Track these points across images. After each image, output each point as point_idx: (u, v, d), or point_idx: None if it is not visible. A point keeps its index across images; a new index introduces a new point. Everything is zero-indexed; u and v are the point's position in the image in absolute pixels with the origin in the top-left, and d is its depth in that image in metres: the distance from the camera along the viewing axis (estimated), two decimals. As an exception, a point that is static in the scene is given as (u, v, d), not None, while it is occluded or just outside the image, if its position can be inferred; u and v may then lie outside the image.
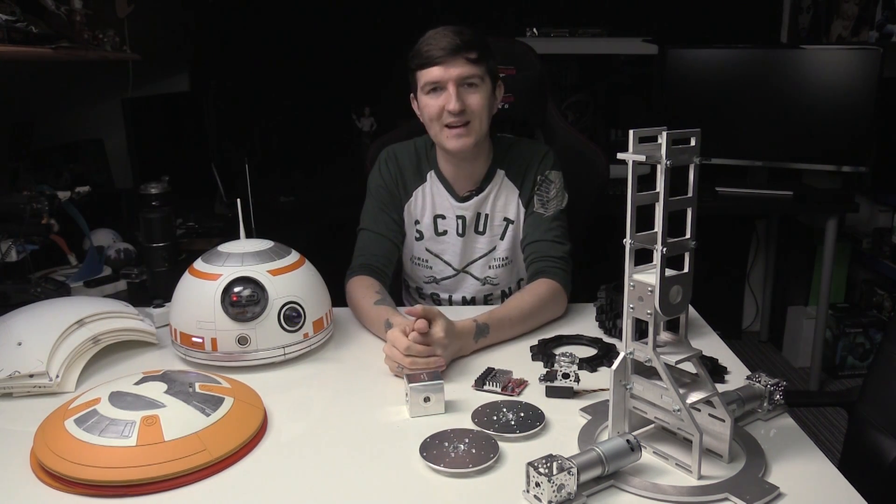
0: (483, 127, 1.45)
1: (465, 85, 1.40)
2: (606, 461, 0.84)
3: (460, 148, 1.43)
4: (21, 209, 1.52)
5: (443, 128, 1.43)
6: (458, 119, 1.40)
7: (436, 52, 1.38)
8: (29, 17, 1.67)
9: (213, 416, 0.95)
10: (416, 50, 1.42)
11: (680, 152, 0.84)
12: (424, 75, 1.41)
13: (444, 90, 1.40)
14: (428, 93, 1.42)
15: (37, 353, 1.14)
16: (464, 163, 1.51)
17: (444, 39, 1.38)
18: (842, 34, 2.79)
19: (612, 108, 3.13)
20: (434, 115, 1.42)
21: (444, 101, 1.40)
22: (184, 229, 2.25)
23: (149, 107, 2.39)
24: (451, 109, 1.39)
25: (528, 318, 1.36)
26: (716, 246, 3.18)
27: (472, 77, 1.40)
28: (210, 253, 1.26)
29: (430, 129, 1.47)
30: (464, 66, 1.39)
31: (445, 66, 1.38)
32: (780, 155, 2.77)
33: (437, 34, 1.40)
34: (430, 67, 1.39)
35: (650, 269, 0.88)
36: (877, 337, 2.84)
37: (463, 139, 1.43)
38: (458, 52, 1.38)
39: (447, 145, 1.44)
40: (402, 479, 0.90)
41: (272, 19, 2.97)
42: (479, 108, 1.42)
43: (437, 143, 1.48)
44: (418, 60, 1.41)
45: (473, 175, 1.54)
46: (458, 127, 1.41)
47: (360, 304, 1.40)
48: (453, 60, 1.38)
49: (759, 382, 1.03)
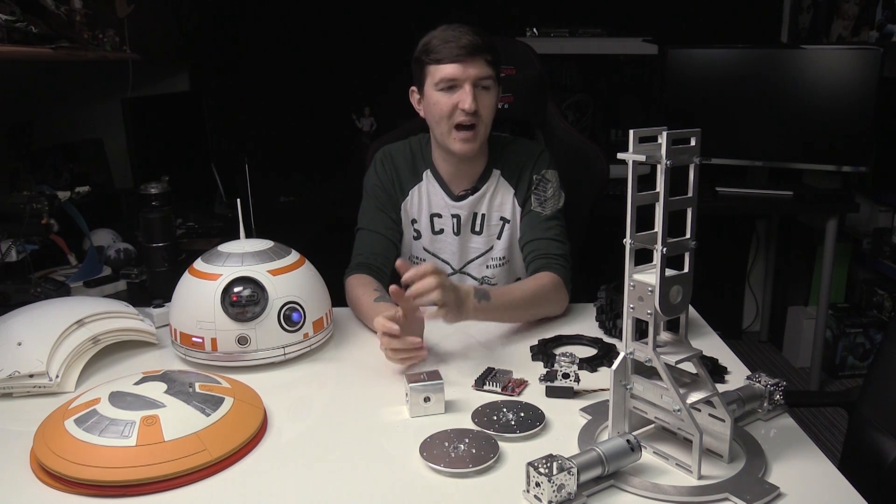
0: (488, 131, 1.46)
1: (479, 86, 1.40)
2: (606, 461, 0.84)
3: (466, 152, 1.44)
4: (21, 209, 1.52)
5: (451, 128, 1.42)
6: (469, 119, 1.40)
7: (456, 49, 1.37)
8: (29, 17, 1.67)
9: (213, 416, 0.95)
10: (431, 44, 1.40)
11: (680, 152, 0.84)
12: (440, 71, 1.39)
13: (458, 88, 1.39)
14: (441, 90, 1.40)
15: (37, 353, 1.14)
16: (462, 163, 1.51)
17: (464, 37, 1.37)
18: (842, 34, 2.79)
19: (612, 108, 3.13)
20: (445, 112, 1.41)
21: (457, 99, 1.39)
22: (184, 229, 2.25)
23: (149, 107, 2.39)
24: (465, 108, 1.38)
25: (531, 302, 1.36)
26: (716, 246, 3.18)
27: (488, 79, 1.40)
28: (210, 253, 1.26)
29: (435, 127, 1.46)
30: (482, 66, 1.39)
31: (465, 64, 1.37)
32: (780, 155, 2.77)
33: (452, 31, 1.39)
34: (449, 64, 1.38)
35: (650, 269, 0.88)
36: (877, 337, 2.84)
37: (470, 144, 1.43)
38: (479, 52, 1.38)
39: (453, 147, 1.44)
40: (402, 478, 0.90)
41: (272, 19, 2.97)
42: (488, 111, 1.42)
43: (441, 142, 1.47)
44: (436, 55, 1.39)
45: (470, 174, 1.54)
46: (467, 131, 1.41)
47: (359, 301, 1.40)
48: (473, 60, 1.38)
49: (759, 382, 1.03)
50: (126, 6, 2.31)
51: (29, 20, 1.66)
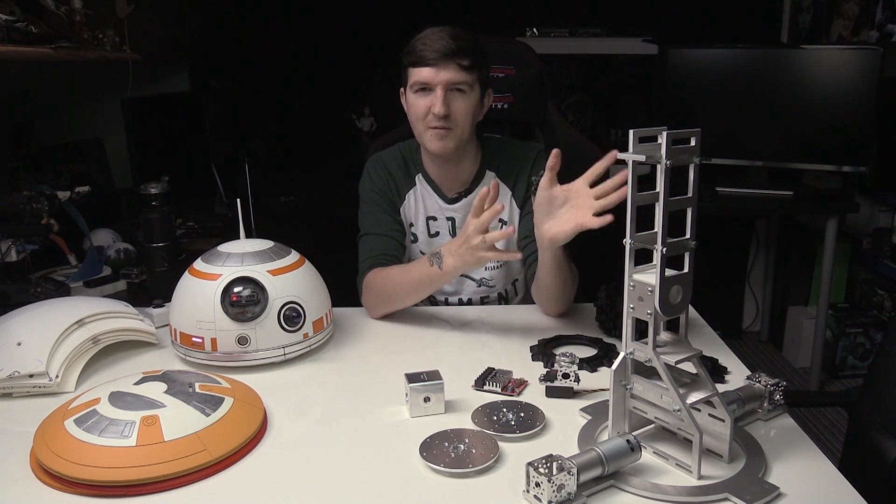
0: (465, 133, 1.45)
1: (453, 90, 1.40)
2: (606, 461, 0.84)
3: (440, 149, 1.44)
4: (21, 209, 1.52)
5: (426, 128, 1.44)
6: (441, 122, 1.41)
7: (429, 53, 1.38)
8: (29, 17, 1.67)
9: (213, 416, 0.95)
10: (412, 46, 1.42)
11: (680, 152, 0.84)
12: (415, 74, 1.41)
13: (431, 92, 1.40)
14: (416, 92, 1.42)
15: (36, 353, 1.14)
16: (448, 164, 1.51)
17: (439, 42, 1.38)
18: (842, 34, 2.79)
19: (612, 108, 3.13)
20: (420, 114, 1.43)
21: (430, 102, 1.40)
22: (184, 229, 2.25)
23: (149, 107, 2.39)
24: (435, 112, 1.39)
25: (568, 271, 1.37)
26: (716, 246, 3.18)
27: (461, 83, 1.40)
28: (210, 253, 1.26)
29: (414, 128, 1.48)
30: (454, 71, 1.39)
31: (436, 68, 1.38)
32: (780, 155, 2.77)
33: (433, 34, 1.40)
34: (422, 67, 1.39)
35: (650, 269, 0.88)
36: (877, 337, 2.84)
37: (443, 141, 1.43)
38: (451, 56, 1.38)
39: (428, 145, 1.45)
40: (401, 478, 0.90)
41: (272, 19, 2.97)
42: (462, 115, 1.42)
43: (420, 142, 1.49)
44: (411, 58, 1.41)
45: (460, 177, 1.54)
46: (440, 129, 1.42)
47: (393, 278, 1.41)
48: (445, 64, 1.38)
49: (759, 382, 1.03)
50: (126, 6, 2.31)
51: (29, 20, 1.66)
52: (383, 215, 1.53)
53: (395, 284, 1.41)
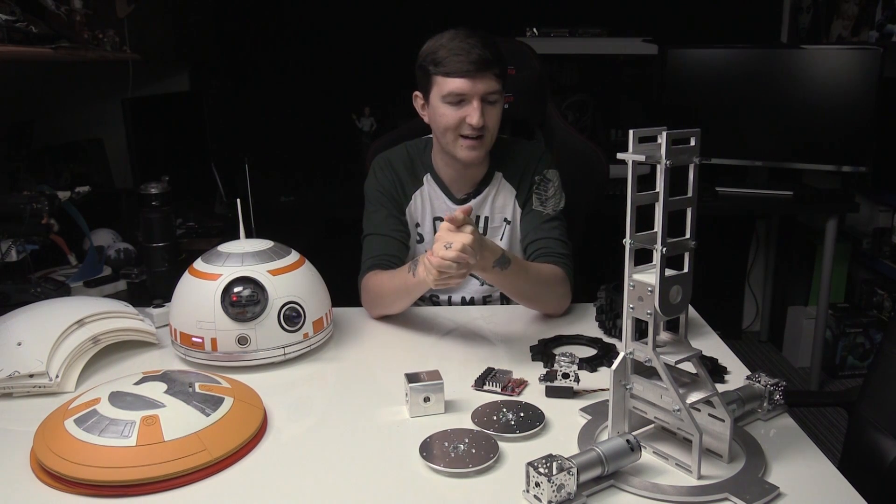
0: (493, 140, 1.46)
1: (487, 101, 1.39)
2: (606, 461, 0.84)
3: (473, 159, 1.44)
4: (21, 209, 1.52)
5: (458, 137, 1.42)
6: (476, 132, 1.39)
7: (465, 64, 1.35)
8: (29, 17, 1.67)
9: (213, 416, 0.95)
10: (439, 55, 1.37)
11: (680, 152, 0.84)
12: (448, 84, 1.37)
13: (466, 103, 1.38)
14: (448, 103, 1.39)
15: (37, 353, 1.14)
16: (465, 168, 1.51)
17: (474, 51, 1.35)
18: (842, 34, 2.79)
19: (612, 108, 3.13)
20: (451, 124, 1.40)
21: (464, 113, 1.38)
22: (184, 229, 2.25)
23: (149, 107, 2.39)
24: (473, 124, 1.37)
25: (541, 282, 1.38)
26: (716, 246, 3.18)
27: (496, 93, 1.39)
28: (210, 253, 1.26)
29: (441, 137, 1.45)
30: (490, 81, 1.37)
31: (473, 80, 1.36)
32: (780, 155, 2.77)
33: (460, 42, 1.36)
34: (457, 78, 1.36)
35: (650, 269, 0.88)
36: (877, 337, 2.84)
37: (476, 151, 1.43)
38: (488, 67, 1.36)
39: (459, 155, 1.43)
40: (401, 479, 0.90)
41: (272, 19, 2.97)
42: (494, 123, 1.42)
43: (447, 150, 1.46)
44: (444, 68, 1.37)
45: (472, 178, 1.53)
46: (474, 140, 1.41)
47: (384, 282, 1.40)
48: (482, 76, 1.36)
49: (759, 382, 1.03)
50: (126, 6, 2.31)
51: (29, 20, 1.66)
52: (387, 216, 1.52)
53: (383, 289, 1.41)
